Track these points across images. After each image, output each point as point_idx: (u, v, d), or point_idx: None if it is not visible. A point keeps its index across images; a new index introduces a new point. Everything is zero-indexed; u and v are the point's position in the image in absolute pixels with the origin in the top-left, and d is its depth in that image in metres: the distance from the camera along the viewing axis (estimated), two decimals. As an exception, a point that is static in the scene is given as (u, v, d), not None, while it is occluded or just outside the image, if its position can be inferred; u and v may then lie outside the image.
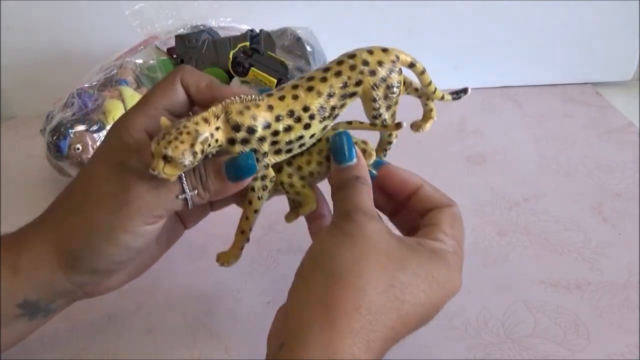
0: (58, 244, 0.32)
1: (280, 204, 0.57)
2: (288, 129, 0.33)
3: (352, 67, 0.34)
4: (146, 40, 0.66)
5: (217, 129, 0.31)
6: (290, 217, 0.39)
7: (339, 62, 0.34)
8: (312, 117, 0.33)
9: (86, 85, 0.60)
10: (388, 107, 0.36)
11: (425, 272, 0.30)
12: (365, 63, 0.34)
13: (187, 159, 0.29)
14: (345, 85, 0.34)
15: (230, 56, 0.54)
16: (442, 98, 0.39)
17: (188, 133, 0.29)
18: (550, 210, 0.54)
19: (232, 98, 0.31)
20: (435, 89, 0.38)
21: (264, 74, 0.54)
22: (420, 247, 0.31)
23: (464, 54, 0.78)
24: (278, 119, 0.33)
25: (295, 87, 0.34)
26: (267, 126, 0.32)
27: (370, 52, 0.35)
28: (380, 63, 0.34)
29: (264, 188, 0.35)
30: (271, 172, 0.35)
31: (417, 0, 0.74)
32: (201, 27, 0.65)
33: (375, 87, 0.34)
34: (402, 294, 0.29)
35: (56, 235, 0.32)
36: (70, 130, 0.53)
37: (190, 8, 0.68)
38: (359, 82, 0.34)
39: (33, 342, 0.43)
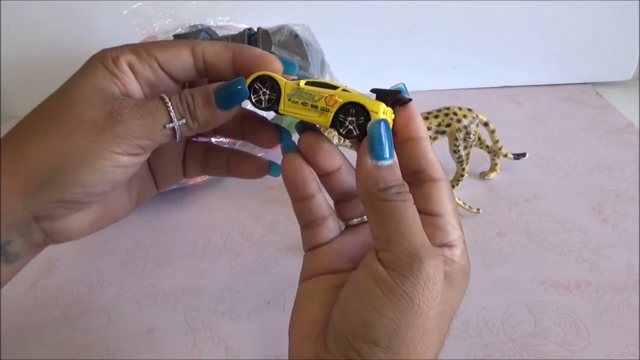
0: (19, 166, 0.28)
1: (281, 204, 0.58)
2: None
3: (446, 115, 0.52)
4: (144, 39, 0.66)
5: None
6: None
7: (438, 110, 0.52)
8: None
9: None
10: (465, 147, 0.53)
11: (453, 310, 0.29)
12: (455, 114, 0.51)
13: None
14: (439, 125, 0.52)
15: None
16: (506, 155, 0.57)
17: None
18: (550, 210, 0.54)
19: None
20: (502, 146, 0.56)
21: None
22: (455, 281, 0.27)
23: (464, 54, 0.78)
24: None
25: None
26: None
27: (459, 108, 0.52)
28: (464, 116, 0.52)
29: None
30: None
31: (417, 0, 0.74)
32: (199, 26, 0.65)
33: (458, 130, 0.51)
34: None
35: (18, 158, 0.28)
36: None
37: (188, 7, 0.68)
38: (448, 125, 0.51)
39: (33, 342, 0.43)
